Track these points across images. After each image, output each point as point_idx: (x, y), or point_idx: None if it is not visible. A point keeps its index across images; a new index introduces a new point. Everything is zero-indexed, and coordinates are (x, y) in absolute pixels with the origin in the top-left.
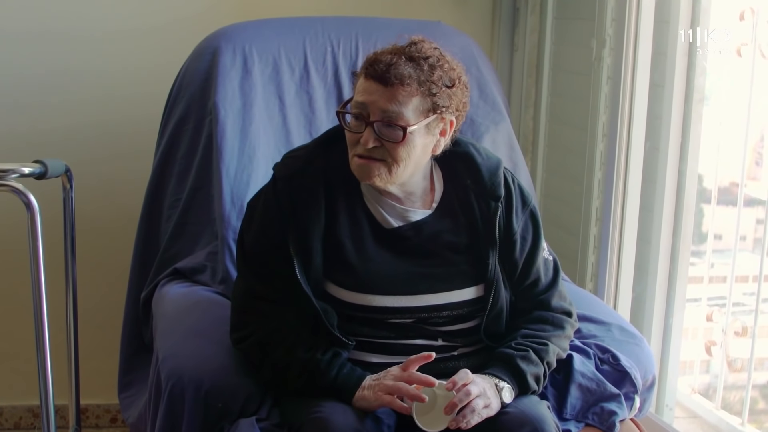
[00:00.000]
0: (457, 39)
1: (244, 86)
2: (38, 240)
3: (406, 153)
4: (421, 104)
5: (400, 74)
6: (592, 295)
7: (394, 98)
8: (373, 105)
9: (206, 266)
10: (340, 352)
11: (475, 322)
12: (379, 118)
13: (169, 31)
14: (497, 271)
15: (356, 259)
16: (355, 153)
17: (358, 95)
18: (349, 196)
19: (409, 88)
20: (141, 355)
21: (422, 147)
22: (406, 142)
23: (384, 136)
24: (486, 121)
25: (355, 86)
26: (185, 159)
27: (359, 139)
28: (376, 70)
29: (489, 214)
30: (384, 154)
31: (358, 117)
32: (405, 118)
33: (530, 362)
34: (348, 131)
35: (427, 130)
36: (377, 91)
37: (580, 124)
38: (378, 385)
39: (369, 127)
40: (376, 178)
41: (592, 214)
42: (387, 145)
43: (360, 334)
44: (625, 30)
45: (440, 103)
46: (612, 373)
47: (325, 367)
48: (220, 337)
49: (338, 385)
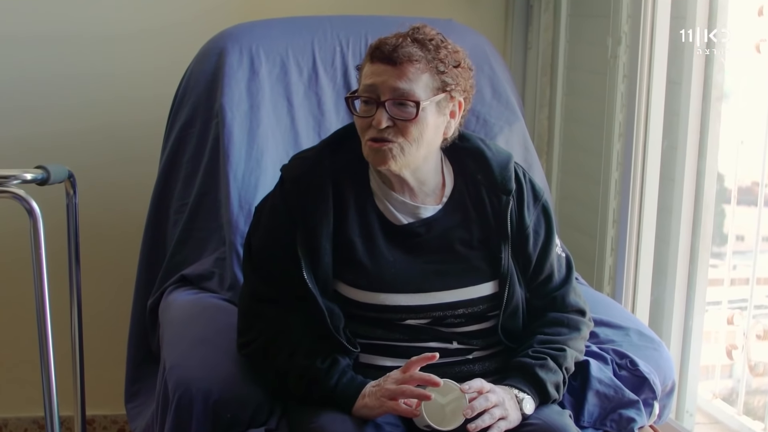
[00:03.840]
0: (469, 37)
1: (251, 88)
2: (41, 248)
3: (418, 132)
4: (431, 82)
5: (408, 53)
6: (610, 299)
7: (403, 75)
8: (383, 85)
9: (214, 273)
10: (339, 360)
11: (491, 322)
12: (390, 97)
13: (173, 32)
14: (511, 266)
15: (367, 257)
16: (368, 138)
17: (366, 79)
18: (358, 194)
19: (419, 64)
20: (148, 364)
21: (434, 127)
22: (419, 119)
23: (396, 116)
24: (500, 122)
25: (360, 78)
26: (191, 163)
27: (371, 122)
28: (383, 51)
29: (500, 209)
30: (397, 135)
31: (368, 101)
32: (416, 94)
33: (549, 370)
34: (358, 117)
35: (438, 109)
36: (386, 71)
37: (595, 123)
38: (379, 391)
39: (381, 108)
40: (391, 161)
41: (609, 215)
42: (400, 125)
43: (373, 337)
44: (641, 27)
45: (449, 81)
46: (630, 379)
47: (323, 376)
48: (228, 345)
49: (338, 394)
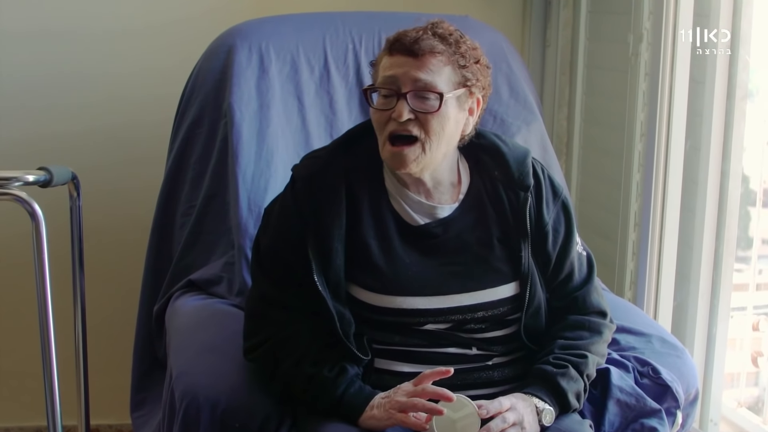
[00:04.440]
0: (485, 34)
1: (260, 86)
2: (44, 252)
3: (440, 126)
4: (453, 75)
5: (430, 45)
6: (631, 305)
7: (426, 67)
8: (405, 76)
9: (222, 277)
10: (347, 369)
11: (512, 328)
12: (411, 89)
13: (181, 29)
14: (531, 264)
15: (382, 259)
16: (388, 133)
17: (385, 71)
18: (372, 194)
19: (441, 57)
20: (154, 372)
21: (455, 122)
22: (441, 112)
23: (418, 108)
24: (517, 121)
25: (375, 72)
26: (199, 164)
27: (390, 116)
28: (404, 43)
29: (518, 206)
30: (418, 129)
31: (388, 94)
32: (439, 86)
33: (570, 379)
34: (377, 110)
35: (458, 104)
36: (407, 63)
37: (616, 123)
38: (389, 403)
39: (402, 99)
40: (413, 164)
41: (631, 218)
42: (421, 117)
43: (390, 343)
44: (663, 24)
45: (469, 77)
46: (652, 387)
47: (330, 385)
48: (237, 352)
49: (344, 404)
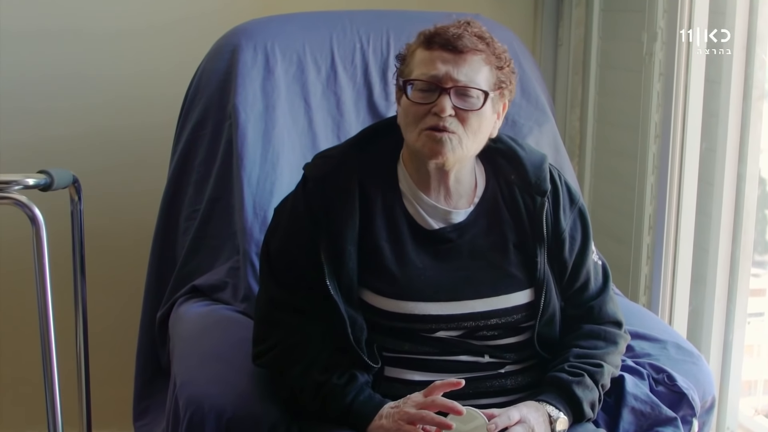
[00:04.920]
0: (496, 33)
1: (266, 87)
2: (44, 257)
3: (478, 124)
4: (490, 76)
5: (473, 42)
6: (646, 310)
7: (468, 64)
8: (448, 72)
9: (227, 283)
10: (357, 376)
11: (524, 336)
12: (454, 85)
13: (184, 28)
14: (547, 271)
15: (395, 263)
16: (426, 126)
17: (426, 67)
18: (386, 196)
19: (482, 55)
20: (158, 380)
21: (489, 122)
22: (482, 111)
23: (459, 105)
24: (529, 122)
25: (407, 65)
26: (203, 167)
27: (429, 110)
28: (446, 38)
29: (535, 211)
30: (456, 125)
31: (428, 88)
32: (480, 85)
33: (586, 388)
34: (414, 104)
35: (492, 106)
36: (450, 59)
37: (630, 124)
38: (398, 413)
39: (444, 94)
40: (449, 153)
41: (645, 221)
42: (461, 114)
43: (400, 350)
44: (678, 22)
45: (503, 79)
46: (668, 394)
47: (339, 392)
48: (242, 360)
49: (353, 412)
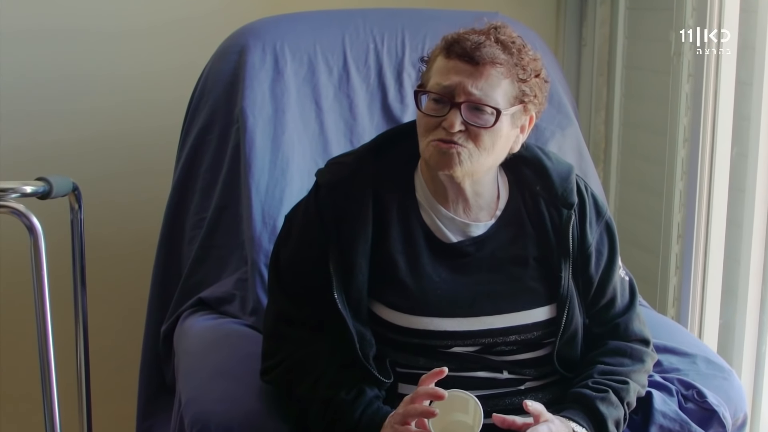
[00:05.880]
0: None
1: (275, 90)
2: (42, 268)
3: (491, 142)
4: (511, 90)
5: (492, 54)
6: (674, 323)
7: (485, 78)
8: (460, 85)
9: (235, 295)
10: (366, 391)
11: (545, 350)
12: (466, 100)
13: (189, 28)
14: (571, 287)
15: (410, 277)
16: (434, 139)
17: (440, 77)
18: (402, 207)
19: (501, 68)
20: (162, 398)
21: (506, 139)
22: (495, 129)
23: (471, 120)
24: (551, 126)
25: (427, 72)
26: (209, 173)
27: (440, 123)
28: (464, 48)
29: (561, 224)
30: (467, 141)
31: (439, 100)
32: (495, 101)
33: (611, 405)
34: (425, 115)
35: (512, 121)
36: (465, 70)
37: (657, 128)
38: (392, 418)
39: (455, 109)
40: (457, 167)
41: (673, 230)
42: (472, 131)
43: (414, 366)
44: (707, 20)
45: (527, 92)
46: (697, 411)
47: (347, 408)
48: (250, 377)
49: (362, 428)
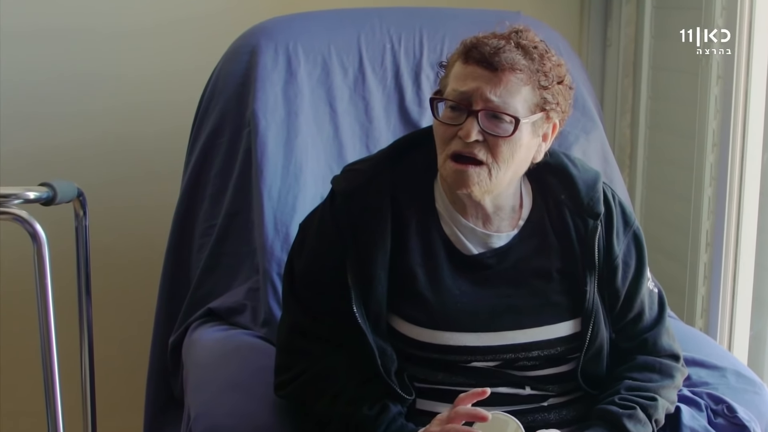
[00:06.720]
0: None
1: (288, 92)
2: (46, 277)
3: (510, 152)
4: (531, 97)
5: (511, 59)
6: (703, 335)
7: (503, 85)
8: (477, 92)
9: (246, 305)
10: (390, 406)
11: (569, 366)
12: (484, 107)
13: (199, 27)
14: (596, 301)
15: (430, 290)
16: (451, 152)
17: (457, 83)
18: (421, 217)
19: (521, 75)
20: (170, 411)
21: (526, 148)
22: (514, 138)
23: (488, 129)
24: (575, 130)
25: (445, 77)
26: (219, 178)
27: (456, 132)
28: (482, 53)
29: (587, 235)
30: (485, 153)
31: (456, 108)
32: (514, 108)
33: (638, 422)
34: (441, 123)
35: (533, 130)
36: (483, 76)
37: (685, 131)
38: None
39: (472, 117)
40: (475, 186)
41: (702, 237)
42: (491, 141)
43: (434, 381)
44: (738, 19)
45: (549, 99)
46: (727, 427)
47: (370, 425)
48: (263, 390)
49: None
